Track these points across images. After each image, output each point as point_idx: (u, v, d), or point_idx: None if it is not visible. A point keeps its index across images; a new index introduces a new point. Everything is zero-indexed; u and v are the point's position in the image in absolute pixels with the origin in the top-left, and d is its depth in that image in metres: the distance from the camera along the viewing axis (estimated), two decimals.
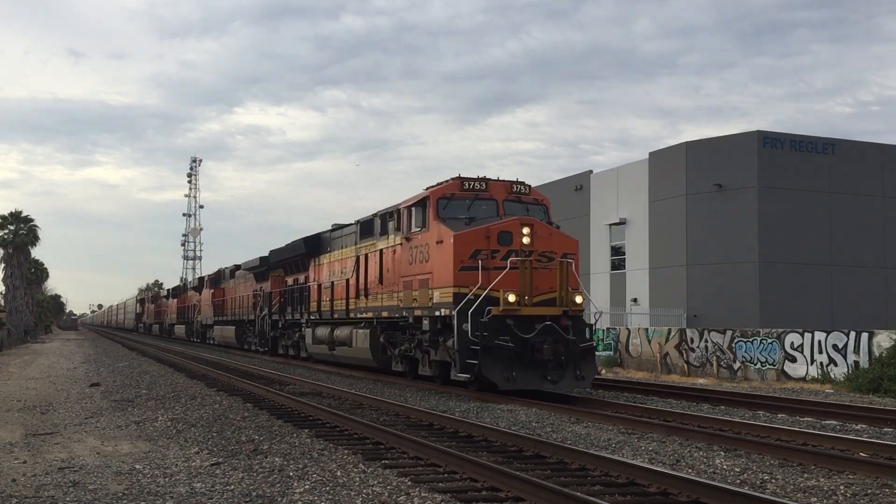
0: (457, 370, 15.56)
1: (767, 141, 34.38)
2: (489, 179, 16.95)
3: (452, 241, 15.75)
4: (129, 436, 10.69)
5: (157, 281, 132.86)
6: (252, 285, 35.51)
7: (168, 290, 68.32)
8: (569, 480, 7.58)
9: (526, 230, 15.73)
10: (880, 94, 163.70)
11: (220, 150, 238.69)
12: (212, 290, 44.52)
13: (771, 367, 23.16)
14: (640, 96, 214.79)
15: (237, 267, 39.81)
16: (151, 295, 80.00)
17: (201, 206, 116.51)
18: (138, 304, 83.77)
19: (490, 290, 15.16)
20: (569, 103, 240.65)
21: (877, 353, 20.33)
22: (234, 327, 38.12)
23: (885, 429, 11.87)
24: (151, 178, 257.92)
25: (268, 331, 31.62)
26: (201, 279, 52.13)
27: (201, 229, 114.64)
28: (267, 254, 32.24)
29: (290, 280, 29.05)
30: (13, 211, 61.83)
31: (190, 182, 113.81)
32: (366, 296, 20.60)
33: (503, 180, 17.10)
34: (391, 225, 19.06)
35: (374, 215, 20.35)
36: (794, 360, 22.63)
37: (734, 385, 21.35)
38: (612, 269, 39.99)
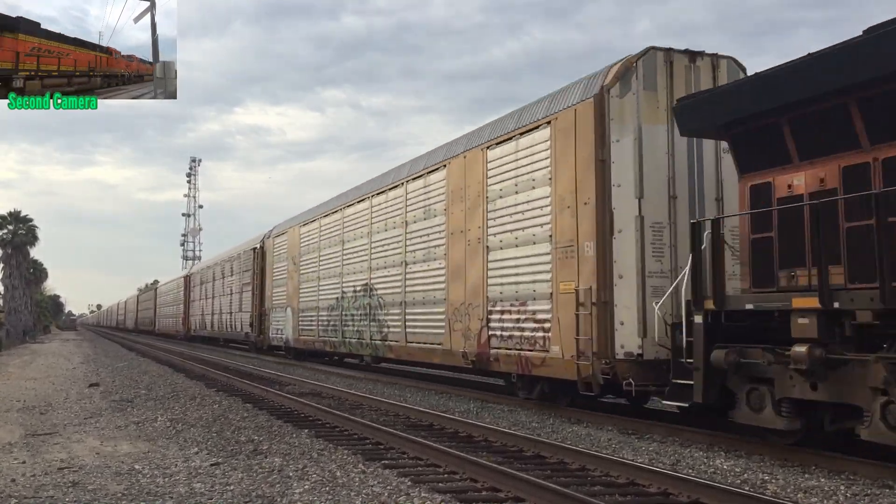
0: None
1: None
2: None
3: None
4: (129, 436, 10.68)
5: (155, 281, 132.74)
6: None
7: None
8: (569, 481, 7.58)
9: None
10: None
11: (220, 150, 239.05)
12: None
13: None
14: None
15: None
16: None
17: (200, 206, 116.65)
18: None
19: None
20: None
21: None
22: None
23: None
24: (151, 177, 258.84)
25: None
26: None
27: (200, 229, 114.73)
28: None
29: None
30: (12, 211, 62.02)
31: (189, 182, 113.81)
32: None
33: None
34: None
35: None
36: None
37: None
38: None
